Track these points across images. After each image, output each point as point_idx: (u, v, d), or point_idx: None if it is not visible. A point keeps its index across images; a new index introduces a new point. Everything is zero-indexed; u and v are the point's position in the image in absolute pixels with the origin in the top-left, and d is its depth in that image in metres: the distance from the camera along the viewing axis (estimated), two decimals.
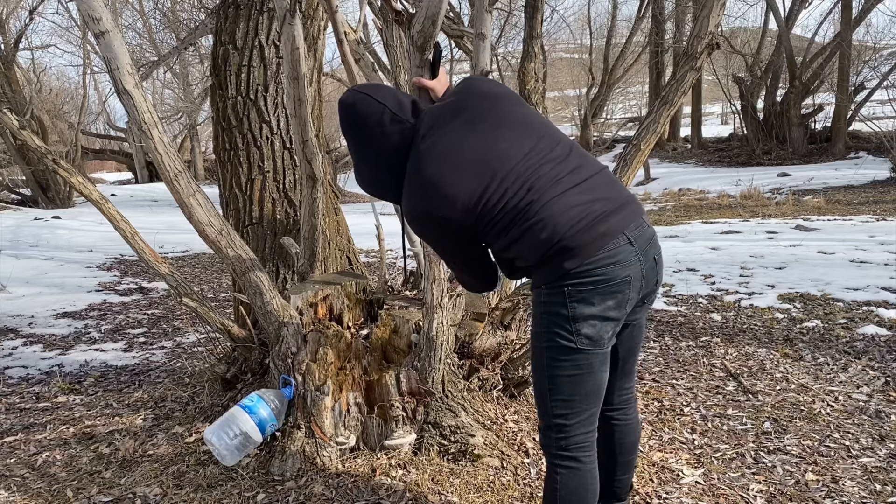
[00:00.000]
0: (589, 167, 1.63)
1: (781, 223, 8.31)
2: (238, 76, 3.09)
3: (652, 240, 1.65)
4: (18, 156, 13.07)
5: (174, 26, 14.24)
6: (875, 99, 15.70)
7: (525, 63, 3.30)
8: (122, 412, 3.16)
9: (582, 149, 1.71)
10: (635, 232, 1.59)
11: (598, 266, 1.54)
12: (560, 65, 25.46)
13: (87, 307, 5.64)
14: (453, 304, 2.64)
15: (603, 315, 1.58)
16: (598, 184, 1.61)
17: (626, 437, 1.87)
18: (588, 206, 1.55)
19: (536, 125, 1.65)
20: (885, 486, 2.27)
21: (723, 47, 3.34)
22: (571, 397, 1.64)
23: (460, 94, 1.68)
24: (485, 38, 2.25)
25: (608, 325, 1.60)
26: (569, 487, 1.68)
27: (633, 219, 1.60)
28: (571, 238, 1.53)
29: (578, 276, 1.55)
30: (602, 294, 1.56)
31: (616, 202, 1.59)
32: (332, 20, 2.26)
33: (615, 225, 1.56)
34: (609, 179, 1.64)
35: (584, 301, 1.56)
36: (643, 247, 1.60)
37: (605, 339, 1.61)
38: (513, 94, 1.73)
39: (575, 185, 1.57)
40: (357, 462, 2.41)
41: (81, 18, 3.77)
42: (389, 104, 1.64)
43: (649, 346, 3.93)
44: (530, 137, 1.61)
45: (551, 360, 1.63)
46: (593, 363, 1.62)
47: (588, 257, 1.53)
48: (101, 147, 25.25)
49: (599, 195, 1.58)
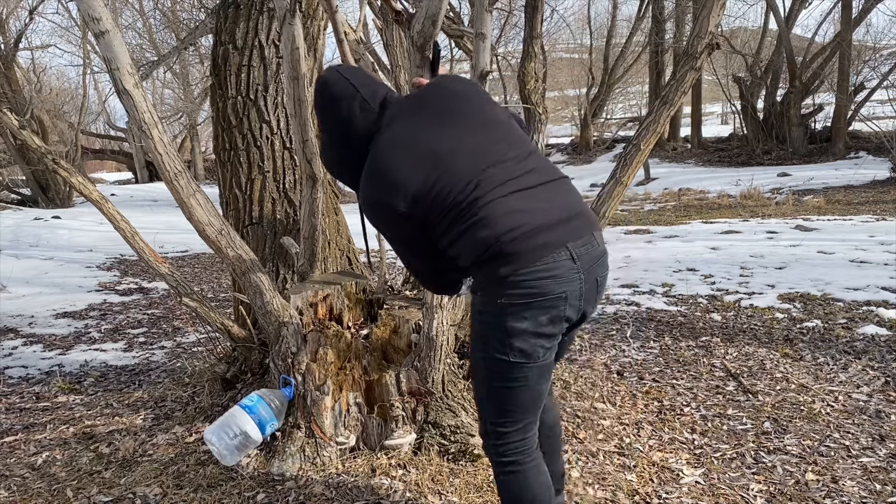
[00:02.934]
0: (545, 174, 1.59)
1: (781, 223, 8.31)
2: (238, 76, 3.09)
3: (599, 260, 1.59)
4: (18, 156, 13.08)
5: (174, 26, 14.24)
6: (875, 99, 15.69)
7: (525, 63, 3.30)
8: (122, 412, 3.16)
9: (543, 157, 1.68)
10: (581, 248, 1.53)
11: (533, 278, 1.49)
12: (560, 65, 25.45)
13: (87, 307, 5.64)
14: (453, 304, 2.64)
15: (536, 331, 1.53)
16: (551, 192, 1.56)
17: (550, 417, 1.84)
18: (532, 214, 1.50)
19: (498, 127, 1.63)
20: (885, 486, 2.27)
21: (723, 47, 3.34)
22: (507, 407, 1.62)
23: (428, 90, 1.69)
24: (485, 38, 2.25)
25: (542, 340, 1.55)
26: (512, 490, 1.68)
27: (581, 234, 1.55)
28: (508, 243, 1.48)
29: (512, 287, 1.49)
30: (535, 308, 1.51)
31: (565, 214, 1.54)
32: (332, 20, 2.26)
33: (558, 237, 1.51)
34: (564, 189, 1.60)
35: (516, 315, 1.51)
36: (587, 265, 1.54)
37: (540, 353, 1.56)
38: (481, 95, 1.71)
39: (523, 188, 1.54)
40: (357, 462, 2.41)
41: (81, 18, 3.77)
42: (362, 90, 1.66)
43: (649, 346, 3.93)
44: (488, 137, 1.60)
45: (487, 371, 1.61)
46: (529, 376, 1.58)
47: (523, 266, 1.48)
48: (101, 147, 25.26)
49: (548, 204, 1.54)
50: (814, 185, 12.00)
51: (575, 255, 1.52)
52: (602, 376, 3.37)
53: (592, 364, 3.58)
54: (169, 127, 21.82)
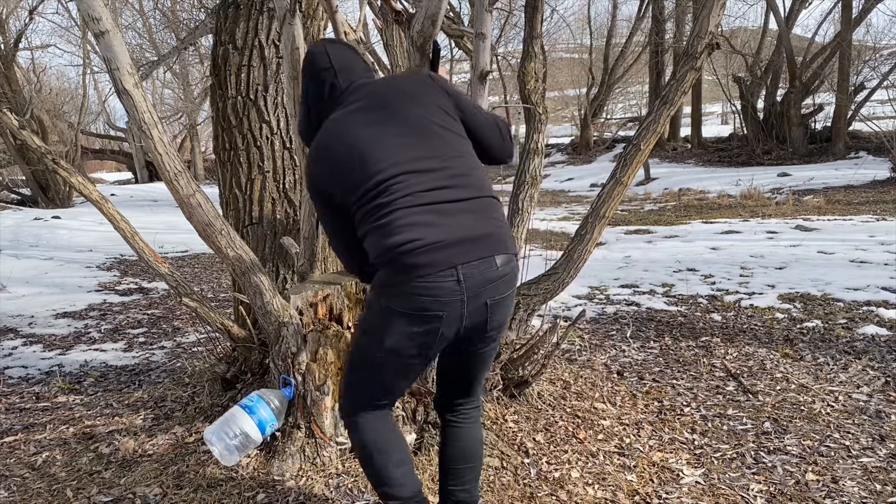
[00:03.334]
0: (465, 191, 1.59)
1: (781, 223, 8.31)
2: (238, 76, 3.09)
3: (494, 284, 1.57)
4: (18, 156, 13.07)
5: (174, 26, 14.24)
6: (875, 99, 15.69)
7: (525, 63, 3.30)
8: (122, 412, 3.16)
9: (475, 174, 1.64)
10: (472, 270, 1.53)
11: (415, 293, 1.53)
12: (560, 65, 25.45)
13: (87, 307, 5.64)
14: None
15: (409, 335, 1.59)
16: (462, 211, 1.57)
17: (457, 441, 1.80)
18: (431, 230, 1.53)
19: (432, 136, 1.62)
20: (885, 486, 2.27)
21: (723, 47, 3.34)
22: (363, 387, 1.75)
23: (384, 84, 1.73)
24: (485, 37, 2.25)
25: (414, 344, 1.60)
26: (356, 444, 1.81)
27: (478, 255, 1.54)
28: (401, 255, 1.52)
29: (396, 295, 1.56)
30: (411, 318, 1.56)
31: (466, 234, 1.54)
32: (332, 20, 2.26)
33: (447, 257, 1.52)
34: (479, 209, 1.59)
35: (394, 316, 1.58)
36: (474, 287, 1.54)
37: (408, 354, 1.61)
38: (432, 100, 1.68)
39: (433, 202, 1.56)
40: (357, 462, 2.41)
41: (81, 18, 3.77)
42: (337, 67, 1.72)
43: (649, 345, 3.93)
44: (417, 145, 1.60)
45: (357, 348, 1.73)
46: (388, 367, 1.67)
47: (409, 280, 1.52)
48: (101, 147, 25.26)
49: (452, 221, 1.54)
50: (814, 185, 12.00)
51: (461, 277, 1.52)
52: (602, 376, 3.37)
53: (592, 364, 3.58)
54: (169, 127, 21.83)
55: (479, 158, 1.74)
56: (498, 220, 1.64)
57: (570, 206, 12.68)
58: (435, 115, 1.65)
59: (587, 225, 2.81)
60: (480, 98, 2.45)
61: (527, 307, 2.96)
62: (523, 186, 3.31)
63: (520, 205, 3.31)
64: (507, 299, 1.64)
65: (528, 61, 3.27)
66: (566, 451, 2.54)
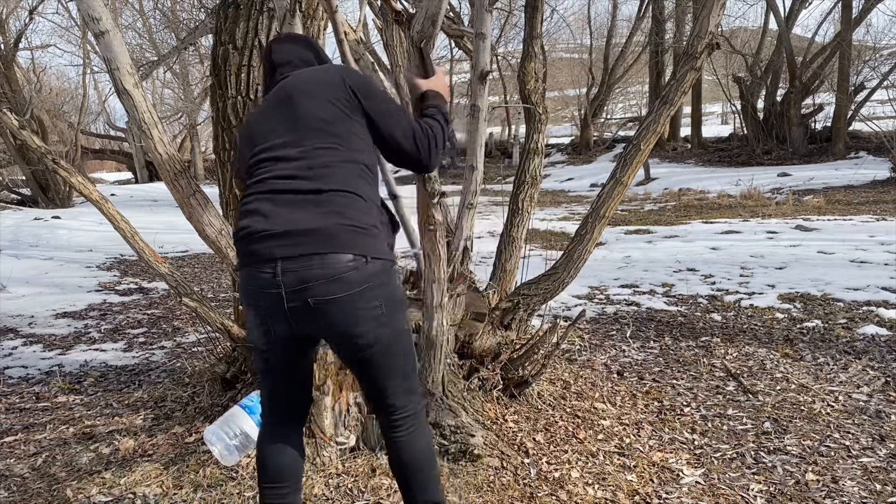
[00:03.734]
0: (314, 182, 1.56)
1: (781, 223, 8.31)
2: (238, 76, 3.09)
3: (319, 283, 1.51)
4: (18, 156, 13.07)
5: (174, 26, 14.24)
6: (875, 99, 15.69)
7: (525, 63, 3.30)
8: (122, 412, 3.16)
9: (339, 168, 1.60)
10: (293, 265, 1.50)
11: (241, 280, 1.62)
12: (560, 65, 25.45)
13: (87, 307, 5.64)
14: (453, 304, 2.64)
15: (252, 327, 1.65)
16: (297, 204, 1.55)
17: (398, 455, 1.75)
18: (261, 219, 1.55)
19: (306, 127, 1.63)
20: (885, 486, 2.27)
21: (723, 47, 3.35)
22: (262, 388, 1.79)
23: (299, 76, 1.75)
24: (485, 37, 2.25)
25: (261, 333, 1.64)
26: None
27: (301, 252, 1.51)
28: (237, 241, 1.61)
29: (239, 279, 1.65)
30: (247, 308, 1.64)
31: (293, 228, 1.52)
32: (332, 20, 2.26)
33: (269, 250, 1.51)
34: (324, 202, 1.55)
35: (244, 304, 1.66)
36: (293, 284, 1.50)
37: (261, 343, 1.65)
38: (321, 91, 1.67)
39: (273, 191, 1.57)
40: (357, 462, 2.41)
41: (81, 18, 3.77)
42: (276, 62, 1.82)
43: (649, 346, 3.93)
44: (287, 134, 1.64)
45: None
46: (260, 360, 1.72)
47: (239, 267, 1.62)
48: (101, 147, 25.26)
49: (283, 212, 1.53)
50: (814, 185, 12.00)
51: (279, 272, 1.50)
52: (602, 376, 3.37)
53: (592, 364, 3.58)
54: (169, 127, 21.83)
55: (393, 161, 1.75)
56: (345, 216, 1.55)
57: (570, 206, 12.68)
58: (320, 109, 1.64)
59: (587, 225, 2.81)
60: (480, 98, 2.45)
61: (527, 307, 2.96)
62: (523, 186, 3.31)
63: (520, 205, 3.31)
64: (340, 302, 1.53)
65: (528, 61, 3.27)
66: (566, 451, 2.54)
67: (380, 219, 1.65)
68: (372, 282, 1.56)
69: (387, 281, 1.61)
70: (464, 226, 2.80)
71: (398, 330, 1.66)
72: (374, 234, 1.60)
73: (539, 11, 3.23)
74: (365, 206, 1.60)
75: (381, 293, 1.59)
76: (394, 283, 1.66)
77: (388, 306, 1.62)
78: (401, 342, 1.68)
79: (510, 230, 3.33)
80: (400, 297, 1.69)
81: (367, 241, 1.57)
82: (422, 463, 1.74)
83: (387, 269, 1.61)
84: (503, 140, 23.27)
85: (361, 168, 1.64)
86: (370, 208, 1.62)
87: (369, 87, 1.71)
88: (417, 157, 1.71)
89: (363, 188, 1.62)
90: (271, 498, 1.76)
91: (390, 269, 1.63)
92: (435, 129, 1.73)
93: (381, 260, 1.59)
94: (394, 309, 1.64)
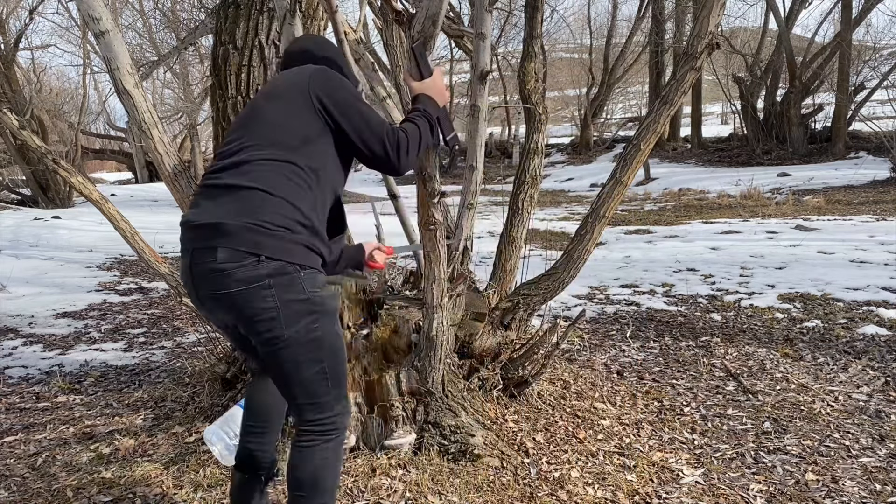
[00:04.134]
0: (235, 178, 1.61)
1: (781, 223, 8.31)
2: (238, 76, 3.09)
3: (207, 277, 1.56)
4: (18, 156, 13.07)
5: (174, 26, 14.23)
6: (875, 99, 15.70)
7: (525, 63, 3.30)
8: (122, 412, 3.16)
9: (262, 166, 1.62)
10: (199, 257, 1.57)
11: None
12: (560, 65, 25.46)
13: (87, 307, 5.64)
14: (453, 304, 2.64)
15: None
16: (213, 197, 1.61)
17: (289, 461, 1.72)
18: (191, 211, 1.65)
19: (255, 124, 1.69)
20: (885, 486, 2.27)
21: (723, 47, 3.35)
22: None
23: (278, 76, 1.84)
24: (485, 37, 2.25)
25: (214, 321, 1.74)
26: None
27: (198, 244, 1.57)
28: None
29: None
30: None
31: (204, 219, 1.58)
32: (332, 20, 2.25)
33: (187, 241, 1.62)
34: (236, 198, 1.59)
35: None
36: (199, 275, 1.58)
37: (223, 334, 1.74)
38: (283, 92, 1.71)
39: (206, 184, 1.66)
40: (357, 462, 2.41)
41: (81, 18, 3.77)
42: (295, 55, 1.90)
43: (649, 346, 3.93)
44: (239, 131, 1.71)
45: None
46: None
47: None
48: (101, 147, 25.26)
49: (205, 205, 1.61)
50: (814, 185, 12.00)
51: (191, 262, 1.59)
52: (602, 376, 3.37)
53: (592, 364, 3.58)
54: (169, 127, 21.82)
55: (363, 162, 1.75)
56: (249, 213, 1.56)
57: (570, 206, 12.68)
58: (276, 110, 1.69)
59: (587, 225, 2.81)
60: (480, 98, 2.45)
61: (527, 307, 2.96)
62: (523, 186, 3.31)
63: (520, 205, 3.31)
64: (235, 297, 1.55)
65: (528, 61, 3.27)
66: (566, 450, 2.54)
67: (299, 221, 1.61)
68: (265, 282, 1.55)
69: (285, 283, 1.57)
70: (464, 226, 2.80)
71: (300, 339, 1.60)
72: (280, 235, 1.57)
73: (539, 11, 3.23)
74: (277, 206, 1.59)
75: (278, 295, 1.57)
76: (296, 286, 1.59)
77: (286, 309, 1.58)
78: (306, 352, 1.62)
79: (510, 230, 3.33)
80: (304, 304, 1.61)
81: (266, 241, 1.56)
82: (304, 483, 1.69)
83: (286, 272, 1.57)
84: (503, 140, 23.27)
85: (294, 168, 1.63)
86: (283, 207, 1.59)
87: (335, 92, 1.70)
88: (384, 160, 1.70)
89: (284, 188, 1.61)
90: (250, 434, 1.87)
91: (293, 273, 1.58)
92: (409, 132, 1.72)
93: (280, 262, 1.56)
94: (292, 314, 1.59)
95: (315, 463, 1.69)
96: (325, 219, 1.73)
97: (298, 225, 1.61)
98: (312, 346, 1.63)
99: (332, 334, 1.68)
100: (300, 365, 1.63)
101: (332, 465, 1.71)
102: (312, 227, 1.65)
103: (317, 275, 1.66)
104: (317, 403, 1.67)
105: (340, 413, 1.72)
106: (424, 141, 1.75)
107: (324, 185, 1.70)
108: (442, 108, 1.88)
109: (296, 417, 1.72)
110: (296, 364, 1.63)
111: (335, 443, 1.71)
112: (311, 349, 1.63)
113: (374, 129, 1.70)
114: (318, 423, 1.69)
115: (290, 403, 1.73)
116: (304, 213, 1.63)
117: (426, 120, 1.77)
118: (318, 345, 1.64)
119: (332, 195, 1.75)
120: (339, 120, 1.69)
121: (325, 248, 1.69)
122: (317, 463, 1.69)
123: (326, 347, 1.66)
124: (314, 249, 1.65)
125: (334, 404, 1.70)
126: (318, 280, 1.66)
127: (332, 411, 1.69)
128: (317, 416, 1.68)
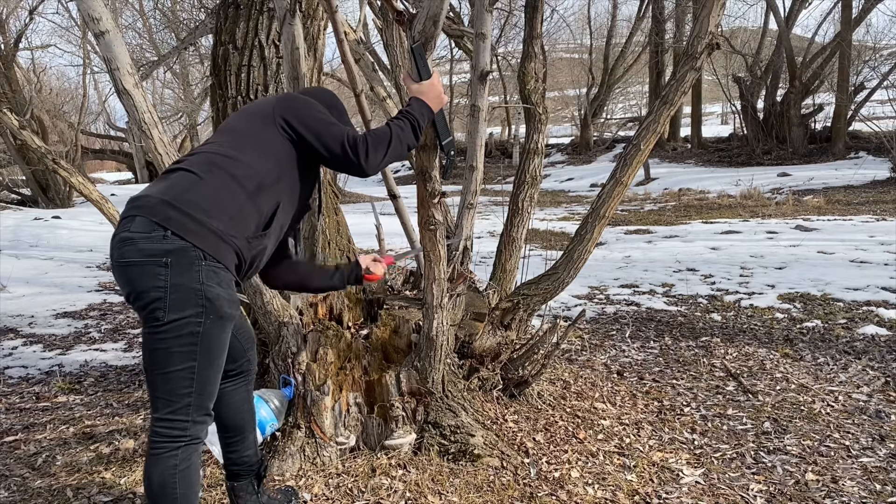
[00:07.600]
0: (175, 164, 1.73)
1: (781, 223, 8.31)
2: (238, 76, 3.09)
3: (116, 246, 1.62)
4: (18, 156, 13.06)
5: (174, 26, 14.23)
6: (875, 99, 15.71)
7: (525, 63, 3.30)
8: (122, 412, 3.16)
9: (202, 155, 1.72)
10: (119, 228, 1.64)
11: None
12: (560, 65, 25.45)
13: (87, 307, 5.64)
14: (453, 304, 2.64)
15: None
16: (161, 180, 1.71)
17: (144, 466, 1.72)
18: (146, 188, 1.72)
19: (221, 132, 1.82)
20: (885, 486, 2.27)
21: (723, 47, 3.34)
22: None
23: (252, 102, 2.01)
24: (485, 38, 2.25)
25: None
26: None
27: (126, 213, 1.64)
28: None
29: None
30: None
31: (137, 195, 1.66)
32: (332, 20, 2.25)
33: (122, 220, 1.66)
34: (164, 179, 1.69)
35: None
36: (113, 245, 1.63)
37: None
38: (256, 109, 1.82)
39: (167, 170, 1.74)
40: (357, 462, 2.41)
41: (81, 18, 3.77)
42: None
43: (649, 346, 3.93)
44: (217, 136, 1.81)
45: None
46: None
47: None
48: (101, 147, 25.24)
49: (154, 186, 1.69)
50: (814, 185, 12.01)
51: (116, 231, 1.66)
52: (602, 376, 3.37)
53: (592, 364, 3.58)
54: (169, 127, 21.81)
55: (330, 167, 1.83)
56: (170, 190, 1.63)
57: (570, 206, 12.68)
58: (239, 121, 1.81)
59: (587, 225, 2.81)
60: (480, 98, 2.45)
61: (527, 307, 2.96)
62: (523, 186, 3.31)
63: (520, 205, 3.31)
64: (123, 267, 1.59)
65: (528, 61, 3.27)
66: (566, 450, 2.54)
67: (226, 211, 1.63)
68: (162, 259, 1.55)
69: (183, 266, 1.56)
70: (464, 226, 2.80)
71: (179, 329, 1.58)
72: (194, 217, 1.58)
73: (539, 11, 3.23)
74: (204, 189, 1.63)
75: (171, 276, 1.56)
76: (192, 273, 1.57)
77: (173, 293, 1.56)
78: (180, 344, 1.59)
79: (510, 230, 3.33)
80: (194, 294, 1.58)
81: (179, 218, 1.58)
82: (152, 492, 1.66)
83: (187, 253, 1.56)
84: (503, 140, 23.28)
85: (234, 162, 1.69)
86: (211, 193, 1.63)
87: (298, 109, 1.78)
88: (343, 159, 1.75)
89: (216, 177, 1.66)
90: (229, 447, 1.99)
91: (194, 258, 1.57)
92: (377, 134, 1.75)
93: (186, 242, 1.56)
94: (179, 299, 1.56)
95: (161, 470, 1.64)
96: (267, 222, 1.74)
97: (223, 214, 1.63)
98: (188, 342, 1.59)
99: (214, 339, 1.64)
100: (172, 356, 1.59)
101: (182, 474, 1.66)
102: (238, 222, 1.65)
103: (221, 271, 1.63)
104: (173, 402, 1.63)
105: (195, 422, 1.66)
106: (400, 142, 1.76)
107: (275, 190, 1.74)
108: (439, 111, 1.88)
109: (151, 412, 1.67)
110: (167, 353, 1.59)
111: (185, 451, 1.66)
112: (186, 344, 1.59)
113: (332, 132, 1.75)
114: (168, 423, 1.64)
115: (150, 393, 1.67)
116: (236, 206, 1.65)
117: (407, 122, 1.78)
118: (194, 342, 1.60)
119: (291, 204, 1.82)
120: (299, 128, 1.75)
121: (245, 246, 1.68)
122: (163, 471, 1.64)
123: (203, 350, 1.62)
124: (229, 243, 1.63)
125: (191, 411, 1.65)
126: (221, 277, 1.62)
127: (185, 416, 1.65)
128: (168, 414, 1.64)
